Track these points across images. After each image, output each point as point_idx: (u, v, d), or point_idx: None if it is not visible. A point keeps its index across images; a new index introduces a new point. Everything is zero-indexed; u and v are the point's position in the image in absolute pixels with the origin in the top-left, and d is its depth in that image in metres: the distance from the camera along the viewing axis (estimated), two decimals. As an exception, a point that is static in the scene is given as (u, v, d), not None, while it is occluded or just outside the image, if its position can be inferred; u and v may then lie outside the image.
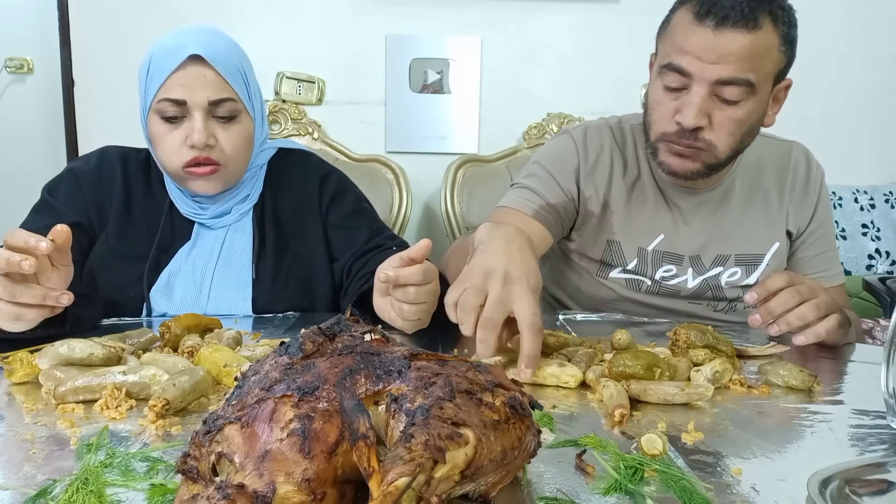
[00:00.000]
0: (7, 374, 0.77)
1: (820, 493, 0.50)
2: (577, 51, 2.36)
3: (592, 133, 1.31)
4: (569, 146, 1.30)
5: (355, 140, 2.27)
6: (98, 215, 1.18)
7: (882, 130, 2.47)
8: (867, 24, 2.42)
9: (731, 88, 1.07)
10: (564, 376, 0.80)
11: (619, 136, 1.31)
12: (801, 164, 1.29)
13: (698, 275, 1.27)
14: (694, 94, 1.08)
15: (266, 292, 1.18)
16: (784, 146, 1.31)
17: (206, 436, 0.46)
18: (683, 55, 1.08)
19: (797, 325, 0.96)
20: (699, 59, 1.06)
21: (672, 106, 1.11)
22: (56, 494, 0.51)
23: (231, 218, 1.20)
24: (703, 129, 1.10)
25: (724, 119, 1.10)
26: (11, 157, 2.60)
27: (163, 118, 1.10)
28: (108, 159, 1.21)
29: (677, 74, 1.09)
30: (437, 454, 0.41)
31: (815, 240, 1.30)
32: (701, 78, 1.07)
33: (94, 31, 2.30)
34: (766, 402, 0.77)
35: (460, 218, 2.11)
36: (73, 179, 1.19)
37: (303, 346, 0.53)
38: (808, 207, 1.28)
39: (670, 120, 1.12)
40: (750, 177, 1.28)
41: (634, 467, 0.56)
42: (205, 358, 0.79)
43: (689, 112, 1.08)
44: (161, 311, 1.15)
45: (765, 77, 1.09)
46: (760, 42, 1.06)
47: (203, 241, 1.19)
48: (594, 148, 1.29)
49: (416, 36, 2.33)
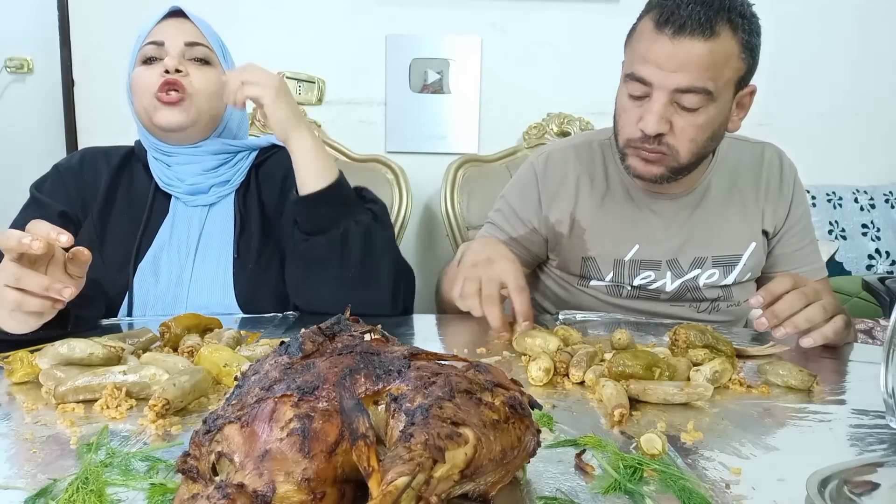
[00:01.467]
0: (7, 373, 0.77)
1: (819, 492, 0.50)
2: (577, 51, 2.36)
3: (554, 157, 1.34)
4: (529, 177, 1.35)
5: (355, 140, 2.27)
6: (82, 207, 1.22)
7: (882, 131, 2.47)
8: (868, 25, 2.42)
9: (689, 96, 1.08)
10: (538, 362, 0.82)
11: (586, 154, 1.33)
12: (774, 164, 1.31)
13: (677, 277, 1.28)
14: (654, 102, 1.10)
15: (248, 272, 1.19)
16: (758, 148, 1.33)
17: (206, 435, 0.46)
18: (645, 64, 1.10)
19: (804, 327, 0.96)
20: (659, 67, 1.08)
21: (636, 113, 1.13)
22: (56, 494, 0.51)
23: (208, 198, 1.23)
24: (666, 135, 1.12)
25: (685, 125, 1.11)
26: (11, 157, 2.59)
27: (143, 62, 1.18)
28: (90, 156, 1.28)
29: (639, 83, 1.11)
30: (436, 454, 0.41)
31: (793, 236, 1.31)
32: (660, 86, 1.09)
33: (94, 31, 2.30)
34: (766, 401, 0.77)
35: (460, 218, 2.11)
36: (58, 175, 1.24)
37: (303, 345, 0.53)
38: (783, 205, 1.30)
39: (635, 126, 1.14)
40: (725, 179, 1.29)
41: (634, 467, 0.56)
42: (205, 358, 0.79)
43: (650, 119, 1.10)
44: (146, 292, 1.16)
45: (724, 84, 1.10)
46: (718, 50, 1.06)
47: (182, 219, 1.22)
48: (557, 173, 1.32)
49: (416, 36, 2.33)
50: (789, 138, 1.41)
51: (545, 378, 0.81)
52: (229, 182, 1.24)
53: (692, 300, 1.30)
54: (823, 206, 2.35)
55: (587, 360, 0.83)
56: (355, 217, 1.13)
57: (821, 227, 2.33)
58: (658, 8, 1.09)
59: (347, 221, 1.12)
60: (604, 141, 1.33)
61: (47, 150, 2.50)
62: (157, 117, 1.17)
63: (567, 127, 2.27)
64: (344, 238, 1.12)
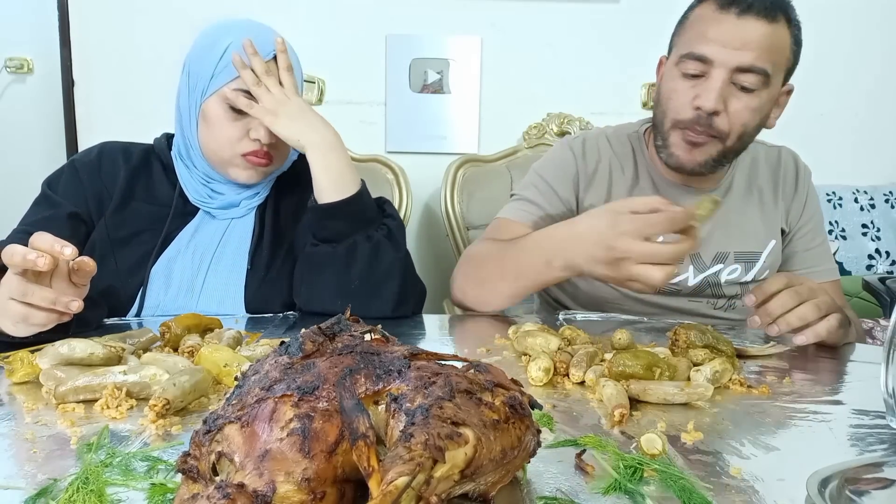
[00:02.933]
0: (7, 373, 0.77)
1: (819, 492, 0.50)
2: (577, 51, 2.36)
3: (590, 143, 1.34)
4: (567, 157, 1.33)
5: (355, 140, 2.26)
6: (97, 205, 1.19)
7: (882, 131, 2.47)
8: (869, 25, 2.42)
9: (748, 76, 1.11)
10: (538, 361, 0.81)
11: (617, 144, 1.34)
12: (790, 165, 1.35)
13: (699, 272, 1.29)
14: (714, 80, 1.12)
15: (259, 282, 1.19)
16: (774, 149, 1.37)
17: (206, 435, 0.46)
18: (706, 43, 1.12)
19: (797, 325, 0.97)
20: (723, 45, 1.10)
21: (690, 93, 1.15)
22: (56, 494, 0.51)
23: (238, 211, 1.23)
24: (719, 115, 1.13)
25: (740, 107, 1.14)
26: (11, 156, 2.59)
27: (231, 107, 1.13)
28: (108, 151, 1.24)
29: (697, 62, 1.13)
30: (436, 454, 0.41)
31: (804, 235, 1.33)
32: (722, 64, 1.11)
33: (94, 31, 2.30)
34: (766, 401, 0.77)
35: (460, 218, 2.11)
36: (74, 171, 1.21)
37: (303, 345, 0.53)
38: (797, 204, 1.33)
39: (688, 106, 1.15)
40: (745, 176, 1.32)
41: (634, 467, 0.56)
42: (205, 358, 0.79)
43: (710, 96, 1.12)
44: (155, 296, 1.15)
45: (778, 71, 1.14)
46: (778, 35, 1.12)
47: (205, 229, 1.21)
48: (592, 157, 1.32)
49: (416, 36, 2.33)
50: (789, 138, 1.41)
51: (545, 378, 0.81)
52: (258, 194, 1.24)
53: (711, 296, 1.31)
54: (823, 206, 2.35)
55: (587, 360, 0.83)
56: (367, 232, 1.13)
57: (821, 227, 2.33)
58: None
59: (358, 236, 1.12)
60: (632, 133, 1.35)
61: (47, 150, 2.50)
62: (234, 173, 1.18)
63: (567, 127, 2.27)
64: (350, 251, 1.12)
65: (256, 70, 1.12)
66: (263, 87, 1.12)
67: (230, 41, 1.13)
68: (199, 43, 1.16)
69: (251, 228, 1.22)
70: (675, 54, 1.19)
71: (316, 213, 1.14)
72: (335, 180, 1.13)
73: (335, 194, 1.12)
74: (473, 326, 1.17)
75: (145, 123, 1.61)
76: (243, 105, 1.12)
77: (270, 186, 1.26)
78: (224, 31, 1.14)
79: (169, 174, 1.23)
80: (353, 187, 1.14)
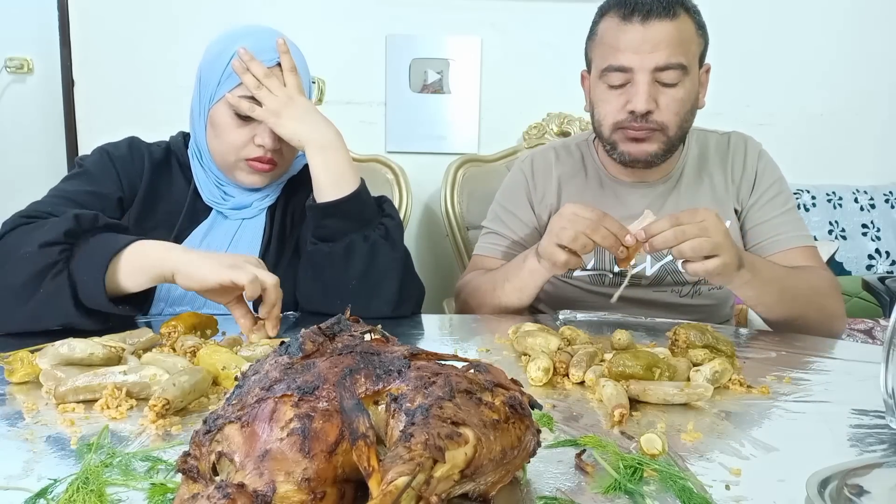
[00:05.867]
0: (7, 373, 0.77)
1: (819, 493, 0.50)
2: (578, 51, 2.34)
3: (538, 159, 1.44)
4: (519, 179, 1.43)
5: (355, 140, 2.25)
6: (130, 194, 1.20)
7: (882, 131, 2.47)
8: (868, 25, 2.42)
9: (668, 73, 1.19)
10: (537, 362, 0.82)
11: (565, 154, 1.43)
12: (739, 147, 1.38)
13: (656, 261, 1.33)
14: (639, 83, 1.19)
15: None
16: (724, 136, 1.40)
17: (206, 435, 0.46)
18: (621, 53, 1.20)
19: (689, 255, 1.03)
20: (636, 52, 1.18)
21: (621, 100, 1.22)
22: (56, 494, 0.51)
23: (249, 212, 1.24)
24: (653, 112, 1.21)
25: (669, 100, 1.21)
26: (11, 157, 2.59)
27: (236, 114, 1.14)
28: (137, 146, 1.25)
29: (618, 73, 1.21)
30: (436, 453, 0.41)
31: (760, 208, 1.33)
32: (641, 68, 1.19)
33: (94, 31, 2.30)
34: (766, 402, 0.77)
35: (460, 218, 2.11)
36: (109, 159, 1.21)
37: (303, 345, 0.53)
38: (747, 181, 1.35)
39: (621, 110, 1.22)
40: (695, 167, 1.37)
41: (634, 467, 0.56)
42: (204, 358, 0.79)
43: (639, 99, 1.19)
44: (166, 294, 1.15)
45: (692, 59, 1.22)
46: (683, 28, 1.20)
47: (218, 229, 1.22)
48: (540, 171, 1.42)
49: (416, 36, 2.33)
50: (789, 138, 1.42)
51: (544, 378, 0.81)
52: (269, 196, 1.25)
53: (673, 284, 1.34)
54: (823, 206, 2.35)
55: (587, 360, 0.83)
56: (365, 231, 1.14)
57: (821, 227, 2.33)
58: (619, 5, 1.21)
59: (355, 235, 1.13)
60: (581, 142, 1.45)
61: (47, 150, 2.50)
62: (240, 176, 1.19)
63: (567, 127, 2.27)
64: (348, 251, 1.12)
65: (256, 74, 1.12)
66: (265, 90, 1.12)
67: (237, 49, 1.14)
68: (210, 51, 1.18)
69: (262, 229, 1.23)
70: (595, 69, 1.27)
71: (314, 212, 1.14)
72: (334, 180, 1.13)
73: (333, 193, 1.13)
74: (473, 326, 1.17)
75: (145, 123, 1.61)
76: (245, 108, 1.12)
77: (281, 188, 1.27)
78: (232, 39, 1.15)
79: (185, 172, 1.24)
80: (350, 186, 1.14)
